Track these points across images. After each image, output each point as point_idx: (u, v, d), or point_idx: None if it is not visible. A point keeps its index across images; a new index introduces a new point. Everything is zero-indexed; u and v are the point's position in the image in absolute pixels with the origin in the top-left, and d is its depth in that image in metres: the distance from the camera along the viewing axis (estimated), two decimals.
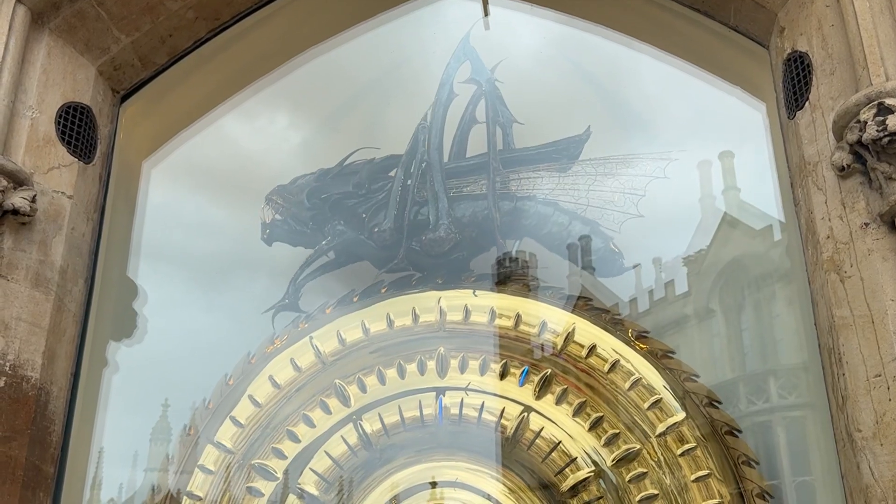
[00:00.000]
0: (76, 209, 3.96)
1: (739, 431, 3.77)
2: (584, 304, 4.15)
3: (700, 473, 3.70)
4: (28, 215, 3.64)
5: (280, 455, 4.03)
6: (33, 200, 3.66)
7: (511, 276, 4.32)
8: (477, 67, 4.58)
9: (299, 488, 3.96)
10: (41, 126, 3.89)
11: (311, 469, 3.99)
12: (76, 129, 4.03)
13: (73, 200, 3.93)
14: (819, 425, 3.75)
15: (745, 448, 3.73)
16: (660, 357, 3.94)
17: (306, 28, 4.84)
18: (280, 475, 4.00)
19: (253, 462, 4.02)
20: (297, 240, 4.58)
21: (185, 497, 4.01)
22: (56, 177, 3.89)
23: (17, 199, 3.61)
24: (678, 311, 4.96)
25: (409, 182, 4.45)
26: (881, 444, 3.08)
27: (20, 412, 3.56)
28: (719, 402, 3.84)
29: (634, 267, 4.44)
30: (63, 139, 3.97)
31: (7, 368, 3.55)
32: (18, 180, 3.63)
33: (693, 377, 3.88)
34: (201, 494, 4.00)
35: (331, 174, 4.57)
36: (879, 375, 3.13)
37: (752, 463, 3.70)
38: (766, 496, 3.64)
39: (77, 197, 3.97)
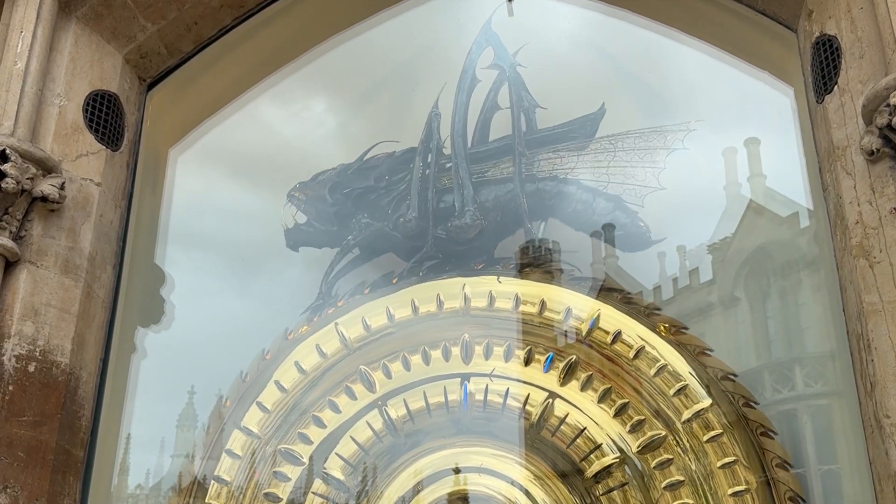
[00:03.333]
0: (104, 196, 4.00)
1: (775, 433, 3.74)
2: (617, 295, 4.12)
3: (727, 460, 3.69)
4: (57, 202, 3.69)
5: (306, 440, 4.05)
6: (62, 188, 3.70)
7: (536, 262, 4.31)
8: (500, 53, 4.56)
9: (325, 473, 3.99)
10: (69, 114, 3.93)
11: (336, 454, 4.01)
12: (104, 116, 4.07)
13: (101, 188, 3.97)
14: (845, 413, 3.72)
15: (779, 450, 3.69)
16: (696, 354, 3.90)
17: (330, 15, 4.84)
18: (306, 460, 4.03)
19: (279, 447, 4.05)
20: (322, 241, 4.58)
21: (212, 481, 4.04)
22: (84, 164, 3.93)
23: (46, 187, 3.65)
24: (702, 299, 4.93)
25: (427, 171, 4.45)
26: None
27: (50, 397, 3.61)
28: (756, 403, 3.80)
29: (663, 239, 4.39)
30: (91, 127, 4.01)
31: (37, 354, 3.59)
32: (47, 168, 3.67)
33: (731, 376, 3.84)
34: (228, 479, 4.03)
35: (351, 169, 4.57)
36: None
37: (788, 465, 3.66)
38: (799, 500, 3.61)
39: (105, 184, 4.01)
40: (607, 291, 4.13)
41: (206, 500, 4.02)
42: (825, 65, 3.66)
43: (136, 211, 4.36)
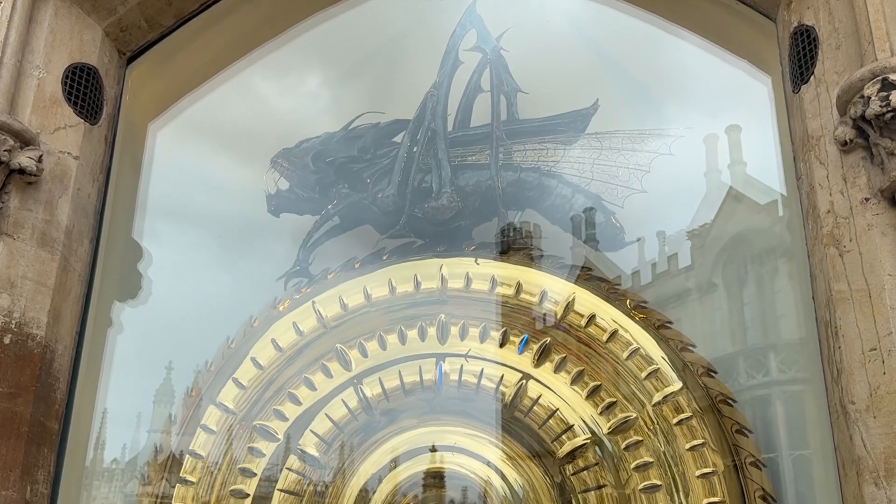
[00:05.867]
0: (82, 170, 3.98)
1: (734, 401, 3.80)
2: (584, 275, 4.18)
3: (695, 442, 3.74)
4: (34, 175, 3.67)
5: (281, 417, 4.08)
6: (39, 160, 3.68)
7: (513, 245, 4.33)
8: (482, 36, 4.55)
9: (300, 449, 4.02)
10: (48, 86, 3.90)
11: (311, 431, 4.04)
12: (82, 89, 4.04)
13: (79, 161, 3.95)
14: (818, 400, 3.77)
15: (739, 417, 3.77)
16: (657, 327, 3.96)
17: None
18: (281, 436, 4.05)
19: (255, 423, 4.08)
20: (303, 208, 4.58)
21: (187, 456, 4.06)
22: (62, 137, 3.91)
23: (24, 159, 3.63)
24: (680, 284, 4.97)
25: (414, 149, 4.44)
26: (874, 417, 3.12)
27: (25, 369, 3.61)
28: (715, 372, 3.87)
29: (637, 241, 4.45)
30: (69, 100, 3.98)
31: (13, 326, 3.59)
32: (25, 140, 3.65)
33: (690, 347, 3.91)
34: (203, 453, 4.06)
35: (336, 138, 4.57)
36: (875, 349, 3.15)
37: (746, 432, 3.73)
38: (760, 465, 3.68)
39: (83, 158, 3.99)
40: (582, 273, 4.16)
41: (181, 475, 4.04)
42: (802, 55, 3.69)
43: (114, 185, 4.34)
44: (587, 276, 4.14)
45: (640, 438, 3.81)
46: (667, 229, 4.93)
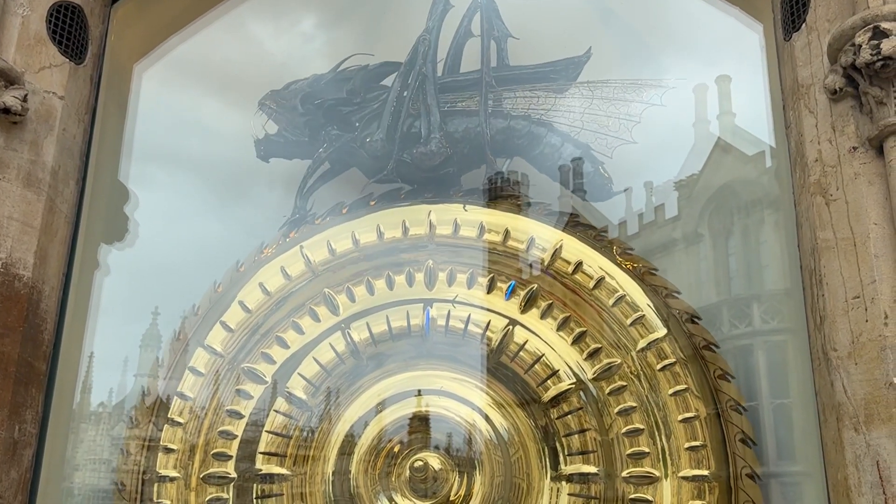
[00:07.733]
0: (67, 110, 3.94)
1: (717, 346, 3.84)
2: (572, 222, 4.18)
3: (678, 388, 3.79)
4: (19, 114, 3.64)
5: (269, 360, 4.10)
6: (24, 100, 3.65)
7: (502, 193, 4.32)
8: None
9: (287, 392, 4.05)
10: (32, 24, 3.85)
11: (299, 374, 4.07)
12: (67, 28, 3.99)
13: (64, 101, 3.91)
14: (799, 350, 3.82)
15: (722, 363, 3.82)
16: (643, 274, 3.99)
17: None
18: (269, 379, 4.08)
19: (242, 366, 4.10)
20: (293, 152, 4.54)
21: (175, 398, 4.09)
22: (47, 76, 3.86)
23: (9, 98, 3.59)
24: (667, 234, 4.99)
25: (405, 93, 4.39)
26: (855, 364, 3.17)
27: (13, 309, 3.61)
28: (699, 318, 3.91)
29: (624, 191, 4.44)
30: (54, 39, 3.93)
31: None
32: (9, 79, 3.62)
33: (675, 294, 3.94)
34: (192, 395, 4.09)
35: (325, 79, 4.52)
36: (858, 297, 3.19)
37: (728, 377, 3.78)
38: (740, 409, 3.74)
39: (68, 98, 3.95)
40: (570, 220, 4.17)
41: (170, 416, 4.07)
42: (795, 2, 3.67)
43: (99, 127, 4.30)
44: (574, 223, 4.15)
45: (625, 384, 3.85)
46: (654, 179, 4.94)
